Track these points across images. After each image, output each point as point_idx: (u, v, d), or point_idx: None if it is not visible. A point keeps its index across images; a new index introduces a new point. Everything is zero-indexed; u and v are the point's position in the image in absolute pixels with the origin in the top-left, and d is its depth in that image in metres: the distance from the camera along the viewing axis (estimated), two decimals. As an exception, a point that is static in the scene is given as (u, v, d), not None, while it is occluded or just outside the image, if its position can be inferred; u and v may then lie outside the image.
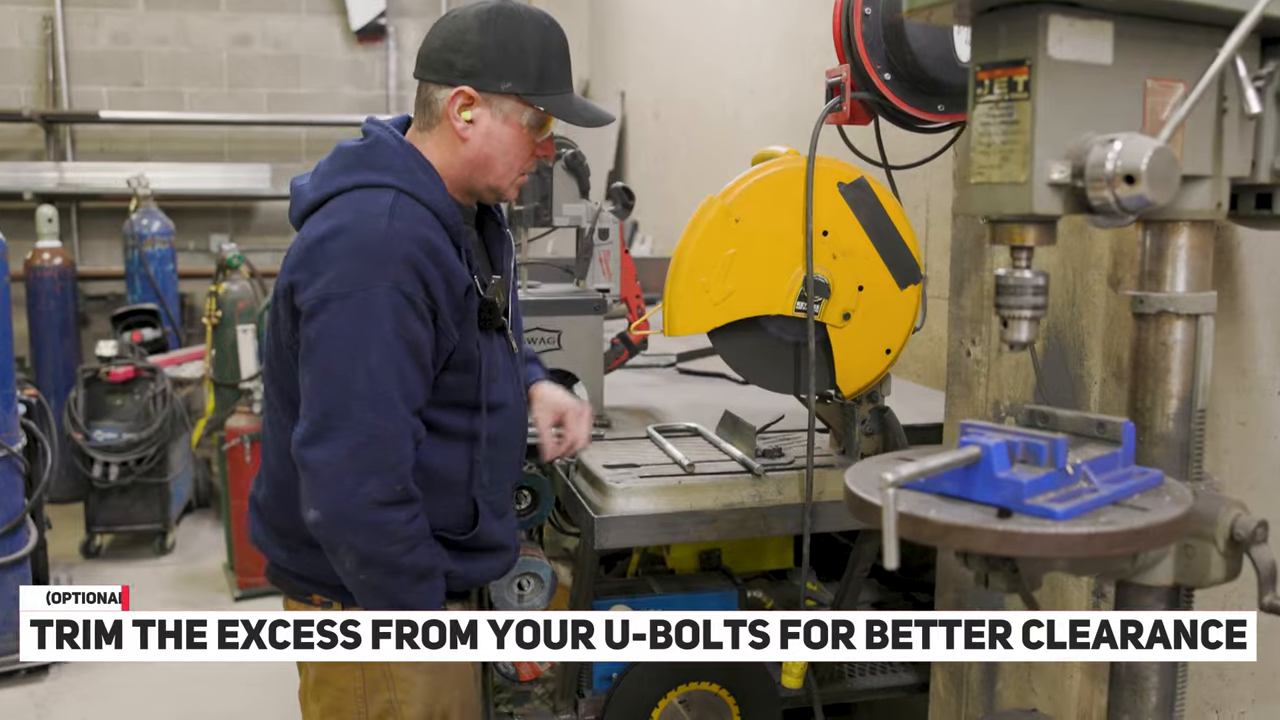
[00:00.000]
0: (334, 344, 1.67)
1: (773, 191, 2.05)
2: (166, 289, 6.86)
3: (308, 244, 1.72)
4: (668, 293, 2.06)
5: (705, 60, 5.51)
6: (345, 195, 1.74)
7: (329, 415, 1.67)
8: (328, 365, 1.68)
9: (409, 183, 1.75)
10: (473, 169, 1.83)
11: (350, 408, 1.66)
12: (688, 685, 2.50)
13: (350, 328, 1.66)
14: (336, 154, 1.83)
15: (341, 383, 1.66)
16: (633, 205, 2.94)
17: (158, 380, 5.67)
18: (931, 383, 3.42)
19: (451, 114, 1.80)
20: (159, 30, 7.93)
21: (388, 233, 1.68)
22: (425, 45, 1.84)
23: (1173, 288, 1.34)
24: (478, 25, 1.78)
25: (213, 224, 8.08)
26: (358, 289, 1.66)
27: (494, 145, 1.82)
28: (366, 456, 1.66)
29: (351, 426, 1.65)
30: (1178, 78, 1.26)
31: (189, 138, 8.01)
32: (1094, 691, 2.09)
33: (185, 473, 6.14)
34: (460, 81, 1.78)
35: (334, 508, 1.66)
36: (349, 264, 1.67)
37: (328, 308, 1.67)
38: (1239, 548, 1.30)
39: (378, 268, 1.67)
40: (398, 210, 1.71)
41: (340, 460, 1.65)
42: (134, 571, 5.57)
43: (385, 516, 1.67)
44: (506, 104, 1.81)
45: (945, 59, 1.96)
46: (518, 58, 1.78)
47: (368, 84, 8.34)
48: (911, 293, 2.16)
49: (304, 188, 1.84)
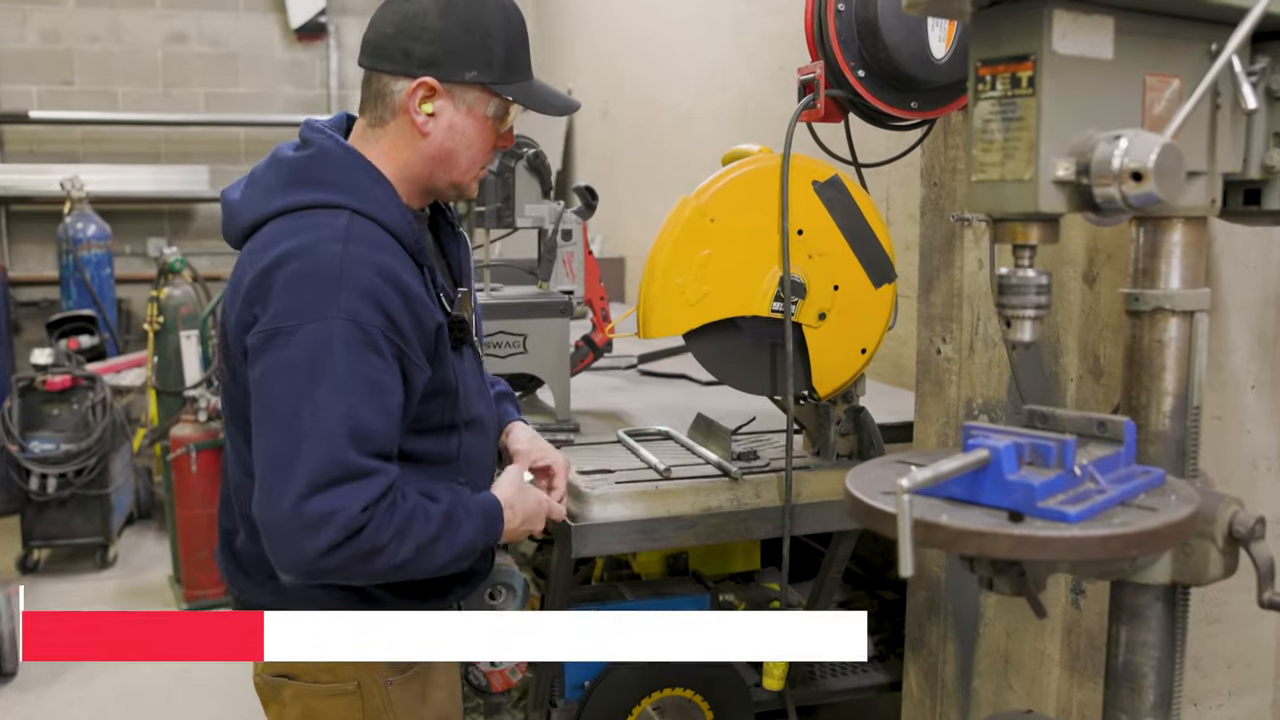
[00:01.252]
0: (277, 384, 1.52)
1: (747, 190, 2.02)
2: (104, 294, 6.68)
3: (255, 276, 1.57)
4: (642, 294, 2.02)
5: (656, 57, 5.48)
6: (291, 217, 1.60)
7: (277, 464, 1.51)
8: (269, 407, 1.53)
9: (362, 201, 1.61)
10: (434, 165, 1.70)
11: (298, 452, 1.50)
12: (661, 691, 2.48)
13: (297, 364, 1.51)
14: (274, 164, 1.67)
15: (285, 425, 1.51)
16: (595, 205, 2.90)
17: (97, 389, 5.50)
18: (892, 381, 3.42)
19: (411, 107, 1.65)
20: (90, 28, 7.72)
21: (343, 258, 1.54)
22: (375, 31, 1.69)
23: (1167, 284, 1.34)
24: (436, 8, 1.64)
25: (150, 227, 7.88)
26: (307, 320, 1.51)
27: (457, 139, 1.68)
28: (312, 508, 1.48)
29: (296, 474, 1.49)
30: (1174, 73, 1.25)
31: (123, 138, 7.81)
32: (1073, 686, 2.09)
33: (126, 483, 5.97)
34: (420, 72, 1.64)
35: (299, 570, 1.53)
36: (298, 294, 1.52)
37: (273, 343, 1.52)
38: (1237, 544, 1.30)
39: (330, 297, 1.52)
40: (353, 234, 1.57)
41: (284, 519, 1.49)
42: (74, 587, 5.40)
43: (354, 549, 1.51)
44: (470, 94, 1.67)
45: (919, 55, 1.95)
46: (482, 43, 1.65)
47: (308, 83, 8.19)
48: (886, 291, 2.15)
49: (238, 202, 1.68)
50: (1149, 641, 1.36)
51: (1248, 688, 2.01)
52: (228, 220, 1.70)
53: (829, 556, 2.43)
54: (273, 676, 1.75)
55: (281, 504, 1.49)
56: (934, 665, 2.43)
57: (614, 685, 2.45)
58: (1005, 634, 2.24)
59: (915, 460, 1.33)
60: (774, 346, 2.11)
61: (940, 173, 2.31)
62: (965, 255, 2.25)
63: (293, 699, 1.74)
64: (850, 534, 2.36)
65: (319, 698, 1.72)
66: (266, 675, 1.76)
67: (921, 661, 2.47)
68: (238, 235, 1.68)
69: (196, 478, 4.93)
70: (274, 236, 1.59)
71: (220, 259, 7.71)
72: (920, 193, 2.39)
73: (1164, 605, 1.35)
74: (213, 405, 4.97)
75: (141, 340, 6.76)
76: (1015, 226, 1.20)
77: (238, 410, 1.67)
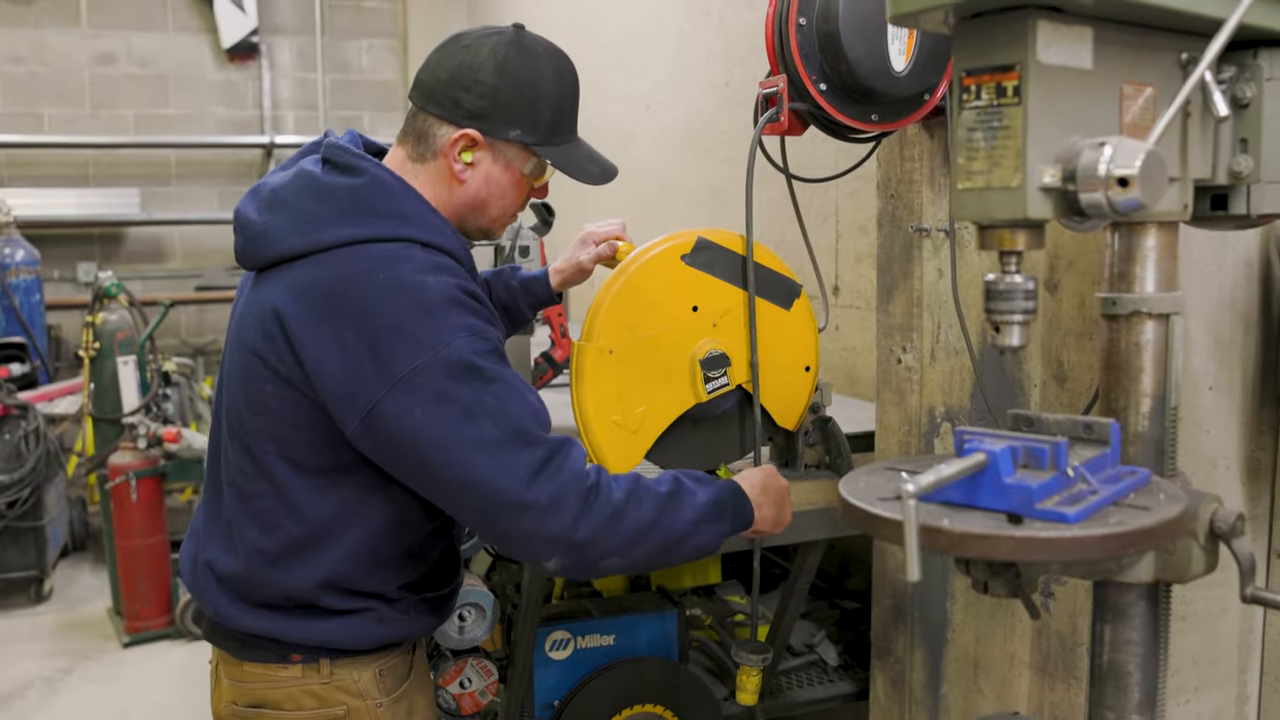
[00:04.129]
0: (441, 418, 1.50)
1: (627, 307, 1.98)
2: (34, 321, 6.50)
3: (338, 316, 1.52)
4: (589, 446, 1.98)
5: (594, 75, 5.49)
6: (358, 251, 1.56)
7: (487, 480, 1.51)
8: (444, 440, 1.50)
9: (427, 232, 1.60)
10: (466, 211, 1.71)
11: (500, 457, 1.51)
12: (631, 708, 2.47)
13: (448, 391, 1.49)
14: (320, 191, 1.61)
15: (474, 446, 1.50)
16: (552, 222, 2.89)
17: (29, 418, 5.35)
18: (846, 391, 3.46)
19: (451, 154, 1.66)
20: (13, 48, 7.53)
21: (437, 286, 1.53)
22: (429, 72, 1.68)
23: (1143, 288, 1.36)
24: (493, 64, 1.64)
25: (80, 251, 7.70)
26: (436, 350, 1.50)
27: (491, 190, 1.70)
28: (542, 492, 1.52)
29: (513, 475, 1.51)
30: (1148, 81, 1.28)
31: (50, 161, 7.62)
32: (1043, 688, 2.12)
33: (61, 515, 5.80)
34: (466, 124, 1.64)
35: (567, 556, 1.55)
36: (413, 331, 1.50)
37: (415, 385, 1.49)
38: (1218, 541, 1.32)
39: (443, 321, 1.51)
40: (432, 264, 1.56)
41: (528, 519, 1.52)
42: (10, 623, 5.23)
43: (597, 514, 1.54)
44: (511, 150, 1.68)
45: (880, 69, 1.97)
46: (531, 104, 1.66)
47: (240, 104, 8.07)
48: (799, 306, 2.15)
49: (270, 228, 1.61)
50: (1133, 639, 1.38)
51: (1212, 683, 2.06)
52: (249, 243, 1.64)
53: (796, 567, 2.44)
54: (246, 707, 1.70)
55: (517, 509, 1.51)
56: (901, 673, 2.45)
57: (584, 703, 2.43)
58: (974, 638, 2.27)
59: (903, 466, 1.34)
60: (724, 415, 2.11)
61: (897, 184, 2.34)
62: (924, 265, 2.28)
63: None
64: (819, 544, 2.37)
65: None
66: (239, 706, 1.71)
67: (888, 669, 2.49)
68: (263, 261, 1.63)
69: (136, 507, 4.81)
70: (344, 273, 1.55)
71: (153, 282, 7.56)
72: (875, 204, 2.42)
73: (1147, 603, 1.38)
74: (151, 432, 4.85)
75: (73, 367, 6.60)
76: (1003, 233, 1.21)
77: (247, 433, 1.64)
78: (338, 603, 1.65)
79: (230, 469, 1.69)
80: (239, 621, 1.68)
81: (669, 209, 4.67)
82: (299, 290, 1.57)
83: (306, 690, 1.65)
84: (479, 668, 2.33)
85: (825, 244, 3.51)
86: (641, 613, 2.59)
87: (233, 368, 1.67)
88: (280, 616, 1.65)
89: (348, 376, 1.52)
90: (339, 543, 1.63)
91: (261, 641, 1.68)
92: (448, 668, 2.31)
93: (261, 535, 1.64)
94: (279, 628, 1.65)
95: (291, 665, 1.66)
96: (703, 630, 2.92)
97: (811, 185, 2.61)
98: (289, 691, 1.66)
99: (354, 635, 1.67)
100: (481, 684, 2.34)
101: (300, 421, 1.59)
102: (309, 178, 1.64)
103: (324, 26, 8.21)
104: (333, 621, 1.65)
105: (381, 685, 1.69)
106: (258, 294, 1.62)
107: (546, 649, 2.48)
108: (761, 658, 2.17)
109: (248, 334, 1.61)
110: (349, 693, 1.66)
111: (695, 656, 2.82)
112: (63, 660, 4.78)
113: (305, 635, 1.65)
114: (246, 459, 1.65)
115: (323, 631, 1.65)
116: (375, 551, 1.65)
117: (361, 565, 1.65)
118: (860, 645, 2.91)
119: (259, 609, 1.66)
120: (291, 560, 1.62)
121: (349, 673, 1.67)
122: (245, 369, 1.61)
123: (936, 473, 1.09)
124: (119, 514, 4.85)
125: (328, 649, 1.66)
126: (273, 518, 1.62)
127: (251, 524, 1.65)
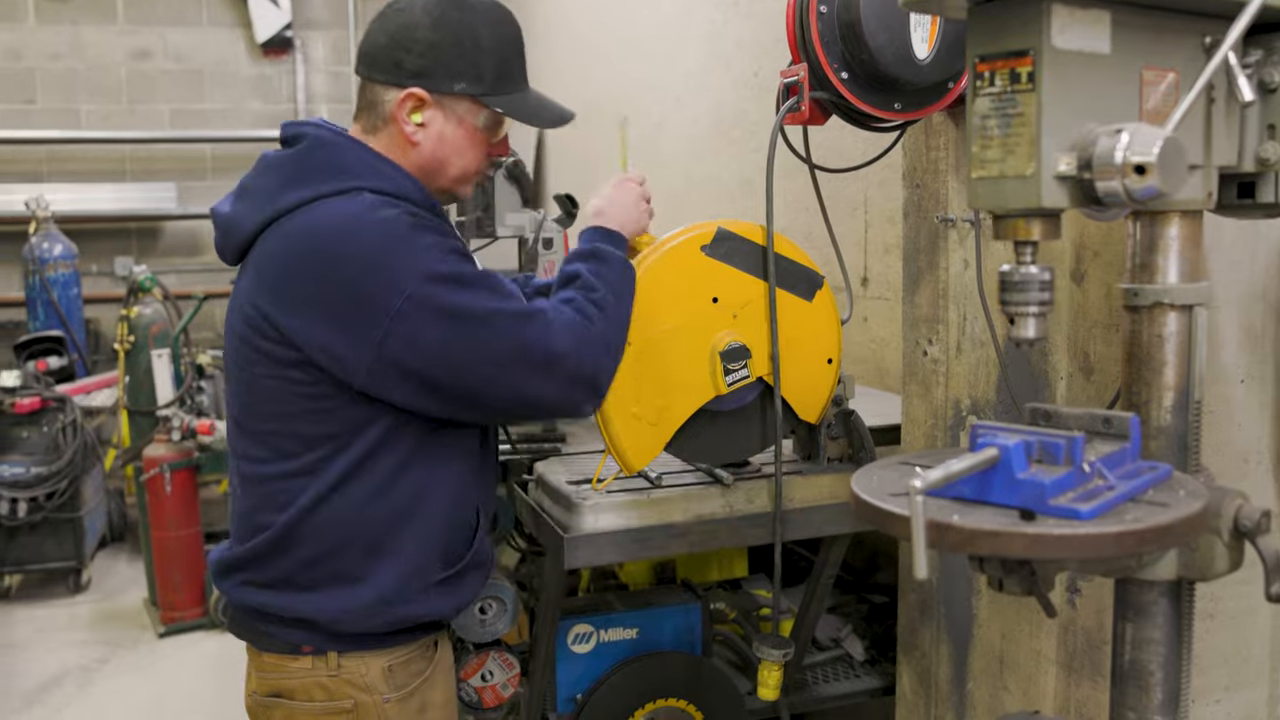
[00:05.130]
0: (449, 341, 1.56)
1: (646, 298, 1.94)
2: (71, 315, 6.59)
3: (305, 278, 1.55)
4: (608, 438, 1.97)
5: (626, 68, 5.48)
6: (307, 211, 1.59)
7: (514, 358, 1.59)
8: (467, 351, 1.57)
9: (373, 179, 1.62)
10: (425, 174, 1.72)
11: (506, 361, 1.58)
12: (654, 702, 2.45)
13: (442, 311, 1.54)
14: (269, 168, 1.66)
15: (494, 347, 1.58)
16: (576, 214, 2.88)
17: (67, 410, 5.42)
18: (875, 384, 3.42)
19: (401, 117, 1.67)
20: (51, 45, 7.63)
21: (395, 218, 1.56)
22: (369, 40, 1.70)
23: (1165, 279, 1.33)
24: (429, 20, 1.65)
25: (117, 246, 7.79)
26: (413, 275, 1.53)
27: (446, 149, 1.71)
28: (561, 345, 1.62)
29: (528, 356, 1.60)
30: (1170, 67, 1.25)
31: (88, 157, 7.72)
32: (1070, 685, 2.09)
33: (99, 506, 5.88)
34: (410, 83, 1.66)
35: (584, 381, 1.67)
36: (384, 265, 1.53)
37: (407, 324, 1.53)
38: (1243, 538, 1.29)
39: (413, 245, 1.55)
40: (383, 202, 1.58)
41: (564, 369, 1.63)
42: (48, 612, 5.32)
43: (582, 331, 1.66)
44: (460, 105, 1.69)
45: (903, 56, 1.94)
46: (472, 55, 1.66)
47: (275, 98, 8.13)
48: (822, 297, 2.12)
49: (231, 215, 1.66)
50: (1155, 638, 1.35)
51: (1244, 683, 2.01)
52: (224, 236, 1.68)
53: (821, 560, 2.42)
54: (265, 697, 1.72)
55: (548, 366, 1.61)
56: (927, 668, 2.42)
57: (606, 697, 2.42)
58: (1000, 635, 2.23)
59: (918, 461, 1.32)
60: (746, 408, 2.09)
61: (922, 174, 2.30)
62: (950, 256, 2.25)
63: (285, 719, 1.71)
64: (842, 538, 2.34)
65: (312, 717, 1.69)
66: (260, 695, 1.73)
67: (915, 664, 2.46)
68: (236, 250, 1.66)
69: (170, 498, 4.86)
70: (304, 232, 1.58)
71: (189, 276, 7.63)
72: (901, 195, 2.39)
73: (1169, 601, 1.34)
74: (185, 424, 4.90)
75: (110, 360, 6.67)
76: (1018, 223, 1.19)
77: (257, 418, 1.67)
78: (348, 569, 1.66)
79: (238, 459, 1.72)
80: (255, 600, 1.70)
81: (699, 200, 4.65)
82: (264, 266, 1.60)
83: (316, 682, 1.67)
84: (501, 661, 2.32)
85: (854, 235, 3.47)
86: (665, 606, 2.58)
87: (229, 360, 1.70)
88: (300, 587, 1.68)
89: (340, 329, 1.54)
90: (347, 509, 1.65)
91: (278, 626, 1.70)
92: (469, 660, 2.31)
93: (269, 514, 1.66)
94: (294, 608, 1.68)
95: (302, 656, 1.68)
96: (727, 624, 2.90)
97: (840, 176, 2.58)
98: (302, 682, 1.67)
99: (361, 608, 1.67)
100: (504, 677, 2.33)
101: (296, 396, 1.61)
102: (264, 160, 1.69)
103: (357, 20, 8.24)
104: (336, 593, 1.67)
105: (391, 680, 1.69)
106: (239, 283, 1.66)
107: (569, 642, 2.47)
108: (783, 653, 2.16)
109: (236, 323, 1.64)
110: (356, 686, 1.67)
111: (719, 650, 2.80)
112: (99, 650, 4.84)
113: (309, 611, 1.67)
114: (251, 443, 1.67)
115: (326, 608, 1.66)
116: (387, 518, 1.67)
117: (373, 532, 1.67)
118: (888, 640, 2.88)
119: (278, 587, 1.68)
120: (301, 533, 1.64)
121: (357, 666, 1.67)
122: (238, 356, 1.65)
123: (945, 468, 1.07)
124: (154, 505, 4.91)
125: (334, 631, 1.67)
126: (281, 496, 1.64)
127: (261, 504, 1.67)
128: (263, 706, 1.73)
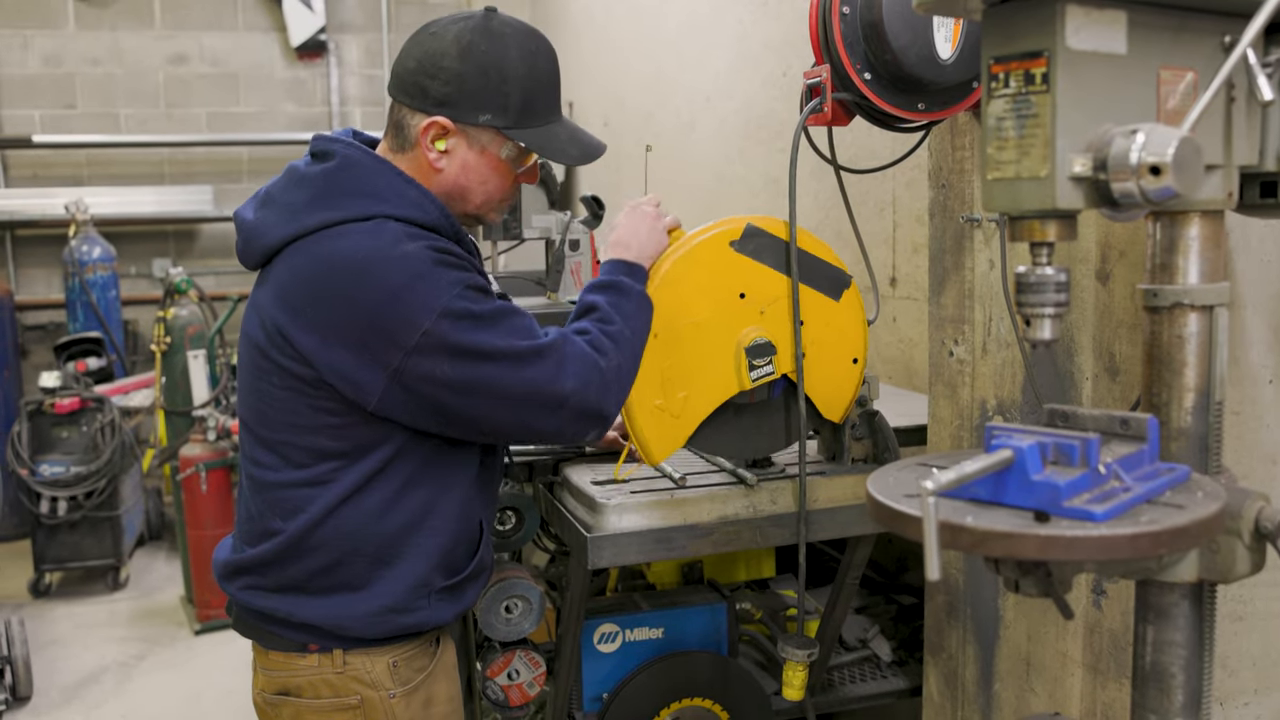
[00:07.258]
0: (459, 378, 1.58)
1: (673, 291, 1.96)
2: (110, 316, 6.69)
3: (330, 303, 1.57)
4: (631, 429, 1.98)
5: (655, 68, 5.48)
6: (335, 232, 1.59)
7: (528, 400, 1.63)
8: (473, 391, 1.60)
9: (401, 207, 1.62)
10: (449, 199, 1.72)
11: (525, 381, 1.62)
12: (680, 702, 2.46)
13: (463, 345, 1.57)
14: (294, 181, 1.66)
15: (500, 388, 1.61)
16: (602, 215, 2.90)
17: (105, 410, 5.51)
18: (903, 384, 3.41)
19: (425, 142, 1.68)
20: (91, 51, 7.74)
21: (417, 252, 1.57)
22: (400, 62, 1.70)
23: (1186, 280, 1.32)
24: (456, 50, 1.64)
25: (155, 248, 7.89)
26: (432, 311, 1.55)
27: (470, 177, 1.71)
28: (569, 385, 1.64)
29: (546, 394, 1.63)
30: (1188, 66, 1.24)
31: (127, 160, 7.82)
32: (1096, 687, 2.08)
33: (137, 505, 5.97)
34: (435, 111, 1.66)
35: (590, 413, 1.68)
36: (405, 300, 1.55)
37: (421, 358, 1.56)
38: (1264, 540, 1.28)
39: (435, 282, 1.56)
40: (407, 233, 1.59)
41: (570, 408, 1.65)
42: (87, 609, 5.40)
43: (589, 372, 1.67)
44: (484, 135, 1.69)
45: (926, 57, 1.94)
46: (498, 88, 1.65)
47: (309, 101, 8.21)
48: (849, 297, 2.12)
49: (255, 223, 1.67)
50: (1176, 641, 1.35)
51: (1274, 685, 1.99)
52: (245, 242, 1.69)
53: (846, 561, 2.42)
54: (273, 694, 1.75)
55: (554, 406, 1.63)
56: (954, 669, 2.41)
57: (632, 696, 2.43)
58: (1026, 636, 2.22)
59: (935, 462, 1.32)
60: (769, 404, 2.09)
61: (948, 174, 2.30)
62: (976, 256, 2.24)
63: (293, 717, 1.74)
64: (867, 538, 2.34)
65: (320, 713, 1.72)
66: (267, 694, 1.76)
67: (942, 665, 2.45)
68: (258, 257, 1.68)
69: (206, 497, 4.93)
70: (328, 260, 1.59)
71: (226, 278, 7.72)
72: (928, 195, 2.38)
73: (1191, 604, 1.34)
74: (220, 424, 4.97)
75: (149, 361, 6.76)
76: (1033, 224, 1.18)
77: (270, 425, 1.69)
78: (354, 578, 1.68)
79: (247, 461, 1.74)
80: (261, 602, 1.73)
81: (728, 199, 4.65)
82: (286, 283, 1.61)
83: (323, 679, 1.69)
84: (527, 659, 2.34)
85: (882, 235, 3.46)
86: (691, 606, 2.58)
87: (243, 364, 1.72)
88: (308, 592, 1.70)
89: (356, 356, 1.56)
90: (356, 521, 1.67)
91: (281, 626, 1.73)
92: (495, 659, 2.33)
93: (278, 521, 1.68)
94: (299, 612, 1.70)
95: (309, 654, 1.71)
96: (754, 624, 2.91)
97: (869, 176, 2.58)
98: (309, 680, 1.70)
99: (366, 615, 1.69)
100: (529, 675, 2.35)
101: (310, 410, 1.63)
102: (292, 172, 1.69)
103: (390, 23, 8.30)
104: (342, 600, 1.69)
105: (396, 676, 1.71)
106: (258, 291, 1.68)
107: (595, 642, 2.48)
108: (807, 653, 2.16)
109: (253, 330, 1.65)
110: (362, 683, 1.69)
111: (745, 650, 2.81)
112: (137, 646, 4.92)
113: (314, 617, 1.69)
114: (260, 449, 1.69)
115: (333, 612, 1.68)
116: (395, 531, 1.69)
117: (380, 544, 1.69)
118: (916, 641, 2.87)
119: (284, 592, 1.70)
120: (310, 543, 1.66)
121: (362, 662, 1.70)
122: (253, 364, 1.66)
123: (959, 469, 1.07)
124: (190, 504, 4.98)
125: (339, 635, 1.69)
126: (289, 504, 1.66)
127: (268, 509, 1.70)
128: (271, 704, 1.75)
